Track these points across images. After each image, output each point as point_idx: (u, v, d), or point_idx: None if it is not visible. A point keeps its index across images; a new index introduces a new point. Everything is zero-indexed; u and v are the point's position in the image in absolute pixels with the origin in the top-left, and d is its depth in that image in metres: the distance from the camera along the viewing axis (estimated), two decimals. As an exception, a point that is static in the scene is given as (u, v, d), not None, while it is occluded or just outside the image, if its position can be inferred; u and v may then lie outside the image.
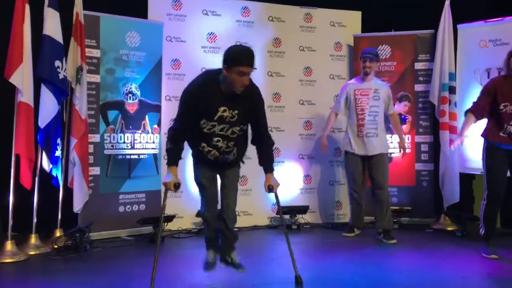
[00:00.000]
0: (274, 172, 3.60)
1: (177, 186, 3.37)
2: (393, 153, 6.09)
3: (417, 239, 5.34)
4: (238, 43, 4.43)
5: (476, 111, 4.52)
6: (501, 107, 4.38)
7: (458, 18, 5.96)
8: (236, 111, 3.35)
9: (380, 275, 3.93)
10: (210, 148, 3.44)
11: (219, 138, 3.40)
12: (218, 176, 3.70)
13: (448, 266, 4.25)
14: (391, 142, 5.74)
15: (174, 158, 3.43)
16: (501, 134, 4.41)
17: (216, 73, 3.36)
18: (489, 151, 4.51)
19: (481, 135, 4.62)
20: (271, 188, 3.53)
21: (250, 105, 3.41)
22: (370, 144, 5.33)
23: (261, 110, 3.53)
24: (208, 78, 3.39)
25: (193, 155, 3.65)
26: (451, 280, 3.85)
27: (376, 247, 4.98)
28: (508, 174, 4.53)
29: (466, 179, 6.08)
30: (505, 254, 4.50)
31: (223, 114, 3.33)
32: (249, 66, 3.20)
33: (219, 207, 3.71)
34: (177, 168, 3.45)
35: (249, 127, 3.55)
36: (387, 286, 3.69)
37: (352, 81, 5.61)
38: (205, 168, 3.59)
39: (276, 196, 3.64)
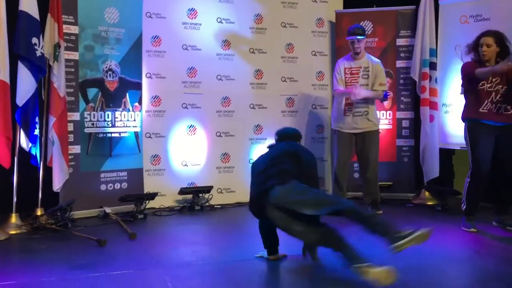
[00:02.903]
0: None
1: None
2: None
3: (398, 214, 5.40)
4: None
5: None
6: (480, 84, 4.44)
7: (440, -7, 5.97)
8: None
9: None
10: None
11: None
12: None
13: (428, 239, 4.31)
14: (380, 118, 5.76)
15: None
16: (481, 110, 4.46)
17: None
18: (472, 130, 4.53)
19: (462, 118, 4.64)
20: None
21: None
22: (358, 122, 5.32)
23: None
24: None
25: None
26: (430, 253, 3.90)
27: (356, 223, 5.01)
28: None
29: (446, 154, 6.15)
30: (484, 228, 4.58)
31: None
32: None
33: None
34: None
35: None
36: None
37: (343, 59, 5.49)
38: None
39: None
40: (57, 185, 4.88)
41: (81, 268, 3.50)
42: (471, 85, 4.48)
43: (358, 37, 5.27)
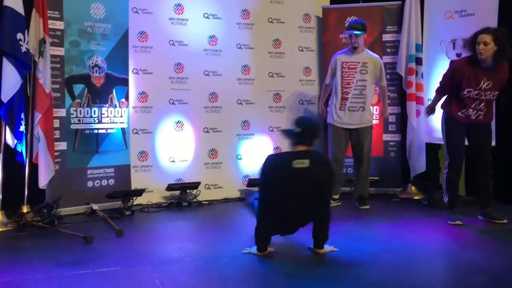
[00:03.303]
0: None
1: None
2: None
3: (385, 208, 5.45)
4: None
5: (442, 92, 4.70)
6: (465, 92, 4.47)
7: (425, -11, 6.00)
8: None
9: (347, 244, 3.98)
10: None
11: None
12: None
13: (414, 233, 4.36)
14: (374, 113, 5.87)
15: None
16: (459, 114, 4.55)
17: None
18: (448, 122, 4.66)
19: (441, 107, 4.73)
20: None
21: None
22: (353, 117, 5.37)
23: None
24: None
25: None
26: (417, 246, 3.95)
27: (345, 217, 5.03)
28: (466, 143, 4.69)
29: (432, 149, 6.20)
30: (469, 221, 4.64)
31: None
32: None
33: None
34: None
35: None
36: (353, 254, 3.76)
37: (341, 53, 5.51)
38: None
39: None
40: (43, 182, 4.84)
41: (67, 265, 3.49)
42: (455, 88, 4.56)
43: (355, 32, 5.29)
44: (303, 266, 3.54)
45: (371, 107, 5.57)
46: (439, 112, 4.86)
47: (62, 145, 5.16)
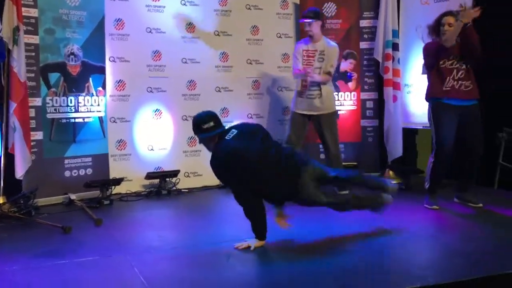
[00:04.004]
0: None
1: None
2: (340, 110, 6.17)
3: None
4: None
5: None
6: (441, 62, 4.52)
7: (401, -25, 6.02)
8: None
9: (322, 229, 4.03)
10: None
11: None
12: None
13: (391, 217, 4.39)
14: (338, 100, 5.85)
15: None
16: (444, 88, 4.54)
17: None
18: (435, 111, 4.61)
19: (426, 99, 4.73)
20: None
21: None
22: (313, 105, 5.31)
23: None
24: None
25: None
26: (395, 230, 4.00)
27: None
28: None
29: (409, 133, 6.26)
30: (446, 205, 4.70)
31: None
32: None
33: None
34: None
35: None
36: (332, 239, 3.80)
37: (301, 42, 5.50)
38: None
39: None
40: (19, 173, 4.78)
41: (45, 255, 3.47)
42: (434, 62, 4.56)
43: (306, 20, 5.27)
44: (280, 252, 3.56)
45: (333, 94, 5.47)
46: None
47: (38, 135, 5.10)
